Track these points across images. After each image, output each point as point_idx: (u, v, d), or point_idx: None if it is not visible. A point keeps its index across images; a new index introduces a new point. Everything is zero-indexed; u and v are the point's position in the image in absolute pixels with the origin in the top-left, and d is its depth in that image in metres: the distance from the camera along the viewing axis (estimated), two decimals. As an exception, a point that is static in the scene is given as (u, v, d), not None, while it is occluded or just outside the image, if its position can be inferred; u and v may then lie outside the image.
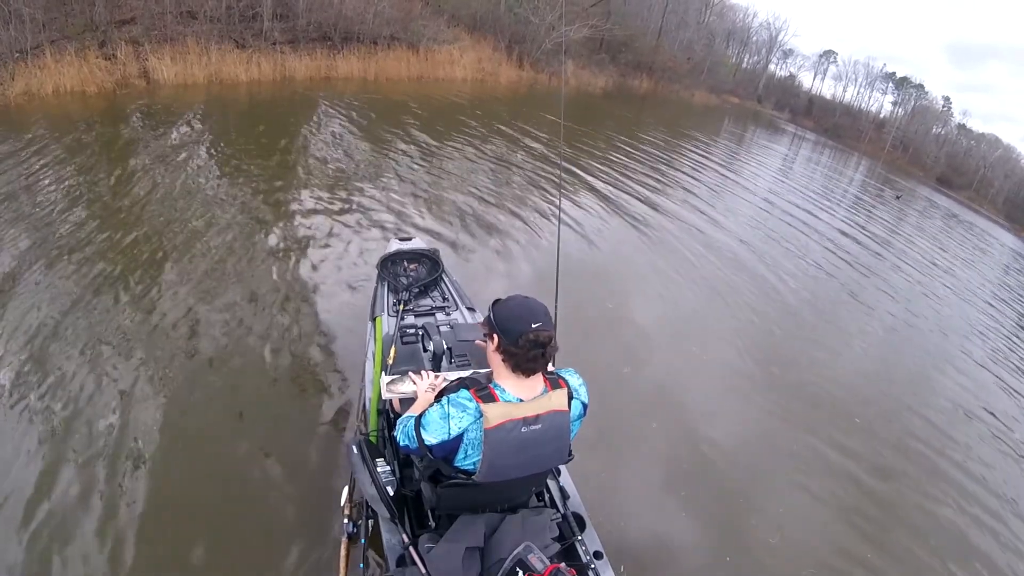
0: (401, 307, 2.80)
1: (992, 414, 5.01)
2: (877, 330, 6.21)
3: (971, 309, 8.63)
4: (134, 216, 4.50)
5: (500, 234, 5.56)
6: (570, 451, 1.57)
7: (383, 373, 2.05)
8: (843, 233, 10.21)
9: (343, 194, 5.76)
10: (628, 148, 12.02)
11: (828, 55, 48.27)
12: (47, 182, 4.88)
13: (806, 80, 49.46)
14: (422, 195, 6.17)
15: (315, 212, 5.18)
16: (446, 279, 3.18)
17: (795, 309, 5.84)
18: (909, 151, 41.11)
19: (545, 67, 18.48)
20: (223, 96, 9.09)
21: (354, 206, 5.49)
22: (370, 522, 1.84)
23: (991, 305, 9.55)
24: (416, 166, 7.19)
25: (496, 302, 1.51)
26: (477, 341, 1.69)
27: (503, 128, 10.79)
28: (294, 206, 5.24)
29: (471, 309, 2.92)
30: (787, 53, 46.88)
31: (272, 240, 4.50)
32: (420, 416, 1.50)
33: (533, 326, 1.41)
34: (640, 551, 2.47)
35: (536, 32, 17.97)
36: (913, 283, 8.65)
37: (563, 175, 8.14)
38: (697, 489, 2.96)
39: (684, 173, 11.16)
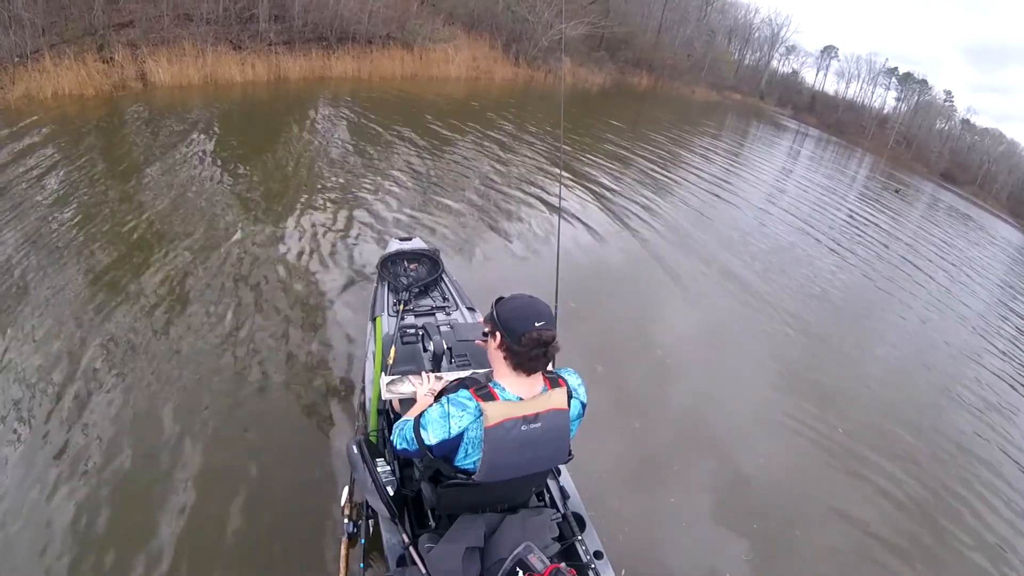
0: (401, 307, 2.80)
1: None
2: (907, 336, 6.07)
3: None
4: (130, 219, 4.49)
5: (500, 233, 5.54)
6: (569, 451, 1.56)
7: (383, 373, 2.05)
8: (854, 228, 10.17)
9: (340, 194, 5.74)
10: (629, 145, 11.98)
11: (829, 50, 48.13)
12: (46, 184, 4.88)
13: (809, 76, 49.39)
14: (421, 194, 6.15)
15: (313, 212, 5.16)
16: (446, 279, 3.18)
17: (816, 314, 5.79)
18: (913, 147, 40.94)
19: (542, 64, 18.44)
20: (219, 97, 9.08)
21: (352, 206, 5.47)
22: (370, 522, 1.83)
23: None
24: (414, 165, 7.17)
25: (499, 300, 1.49)
26: (477, 341, 1.67)
27: (500, 126, 10.75)
28: (291, 206, 5.23)
29: (471, 309, 2.91)
30: (790, 49, 46.78)
31: (271, 241, 4.49)
32: (419, 416, 1.49)
33: (537, 325, 1.39)
34: (641, 551, 2.45)
35: (533, 30, 17.93)
36: (940, 284, 8.53)
37: (563, 173, 8.11)
38: (699, 490, 2.95)
39: (687, 170, 11.12)
